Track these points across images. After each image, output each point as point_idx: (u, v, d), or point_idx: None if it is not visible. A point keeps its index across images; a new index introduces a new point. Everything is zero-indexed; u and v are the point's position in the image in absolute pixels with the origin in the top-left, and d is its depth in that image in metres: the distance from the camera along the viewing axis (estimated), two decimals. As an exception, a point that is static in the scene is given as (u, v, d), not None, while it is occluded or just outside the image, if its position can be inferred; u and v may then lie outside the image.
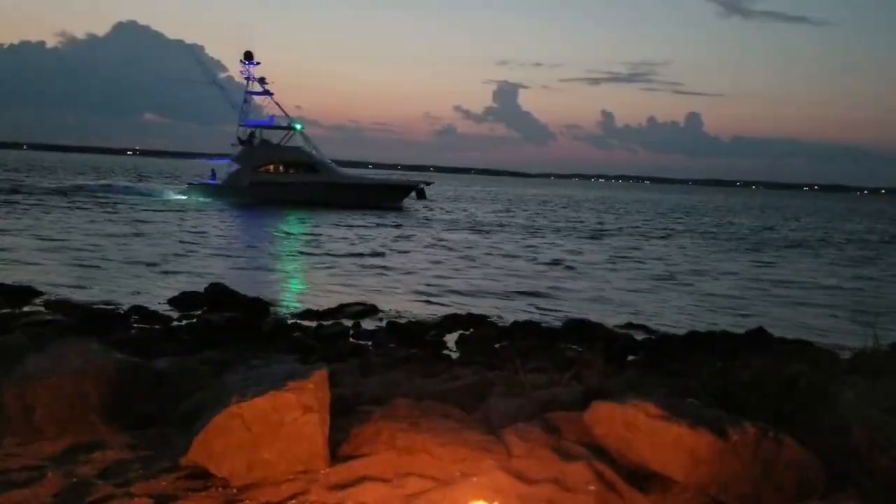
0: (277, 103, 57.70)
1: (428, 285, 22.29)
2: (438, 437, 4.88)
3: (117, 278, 20.56)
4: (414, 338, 14.28)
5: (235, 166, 56.41)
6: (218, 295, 16.42)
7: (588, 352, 7.58)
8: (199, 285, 17.77)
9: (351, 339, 14.25)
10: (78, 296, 17.19)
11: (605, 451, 4.56)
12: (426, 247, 33.32)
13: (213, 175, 59.26)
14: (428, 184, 61.05)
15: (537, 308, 19.28)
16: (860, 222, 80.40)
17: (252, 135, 57.55)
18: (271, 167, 56.00)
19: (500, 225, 50.14)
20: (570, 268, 28.33)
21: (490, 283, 23.28)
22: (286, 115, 57.85)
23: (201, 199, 55.98)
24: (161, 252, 26.57)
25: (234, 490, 4.24)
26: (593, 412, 4.56)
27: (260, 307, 16.19)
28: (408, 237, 37.53)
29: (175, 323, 14.85)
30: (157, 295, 17.72)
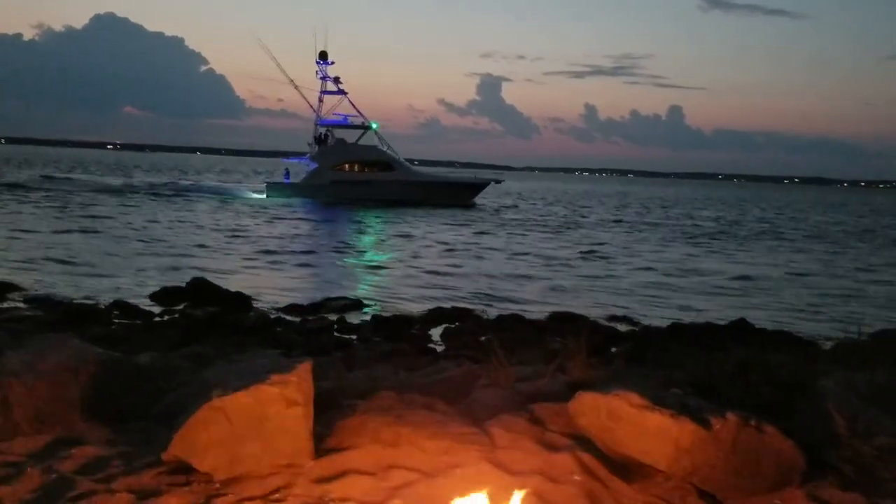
0: (352, 102, 58.31)
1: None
2: (423, 429, 4.88)
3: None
4: (399, 331, 14.27)
5: (313, 165, 56.70)
6: (200, 289, 16.32)
7: (572, 344, 7.57)
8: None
9: (335, 334, 14.22)
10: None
11: (590, 442, 4.57)
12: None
13: (287, 174, 59.53)
14: (499, 181, 62.55)
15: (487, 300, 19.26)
16: (834, 214, 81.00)
17: (327, 134, 58.02)
18: (348, 166, 56.43)
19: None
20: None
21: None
22: (360, 114, 58.41)
23: (281, 198, 55.98)
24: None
25: (217, 484, 4.21)
26: (577, 403, 4.56)
27: (243, 302, 16.11)
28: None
29: (157, 318, 14.75)
30: (140, 290, 17.59)
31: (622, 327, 15.88)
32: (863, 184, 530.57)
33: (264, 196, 57.93)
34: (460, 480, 4.27)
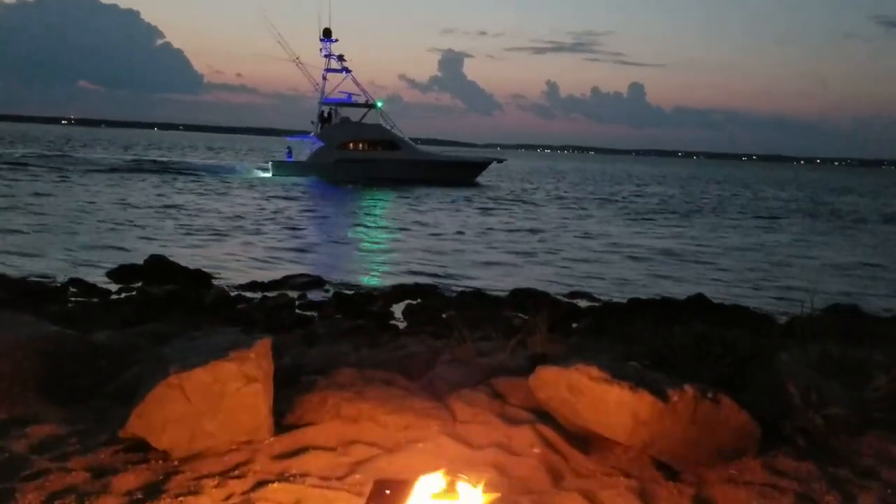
0: (355, 80, 57.76)
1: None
2: (384, 404, 4.88)
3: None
4: (360, 309, 14.23)
5: (318, 144, 56.13)
6: (157, 267, 16.08)
7: (533, 319, 7.63)
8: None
9: (296, 311, 14.13)
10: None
11: (550, 415, 4.61)
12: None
13: (290, 153, 58.93)
14: (500, 161, 63.07)
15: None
16: (775, 191, 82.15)
17: (331, 112, 57.44)
18: (353, 145, 56.03)
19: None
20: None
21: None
22: (365, 92, 57.93)
23: (287, 176, 55.38)
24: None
25: (175, 462, 4.16)
26: (537, 377, 4.59)
27: (202, 279, 15.92)
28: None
29: (114, 296, 14.51)
30: (98, 268, 17.27)
31: (582, 303, 16.04)
32: (819, 161, 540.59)
33: (270, 174, 57.52)
34: (421, 455, 4.28)
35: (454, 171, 58.47)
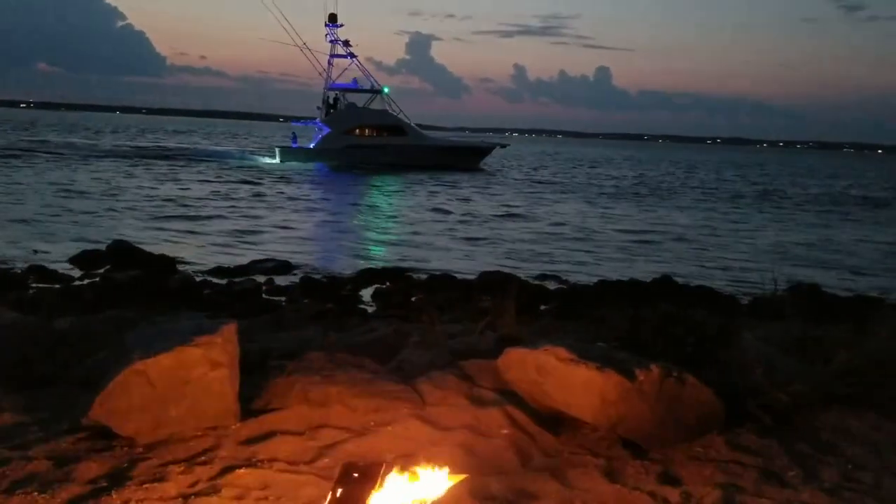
0: (361, 66, 57.31)
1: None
2: (352, 388, 4.85)
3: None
4: (329, 293, 14.14)
5: (324, 130, 55.58)
6: (121, 253, 15.83)
7: (502, 302, 7.65)
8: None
9: (264, 296, 14.00)
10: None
11: (518, 396, 4.63)
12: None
13: (295, 138, 58.26)
14: (504, 146, 64.11)
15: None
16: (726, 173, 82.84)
17: (336, 98, 56.88)
18: (360, 130, 55.63)
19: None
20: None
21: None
22: (371, 78, 57.45)
23: (294, 163, 54.75)
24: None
25: (140, 448, 4.10)
26: (506, 358, 4.60)
27: (166, 265, 15.70)
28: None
29: (76, 282, 14.26)
30: (60, 253, 16.96)
31: (551, 285, 16.10)
32: (781, 144, 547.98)
33: (277, 161, 56.90)
34: (390, 438, 4.28)
35: (460, 156, 58.55)
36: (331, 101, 57.08)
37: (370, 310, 13.06)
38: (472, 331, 7.41)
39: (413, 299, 13.71)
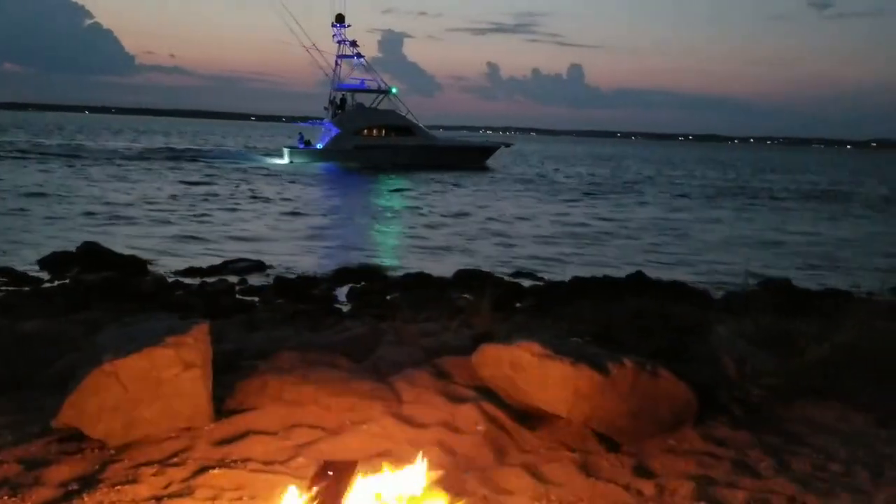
0: (369, 66, 57.38)
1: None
2: (327, 387, 4.83)
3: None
4: (303, 293, 14.06)
5: (333, 130, 55.38)
6: (91, 254, 15.62)
7: (477, 299, 7.67)
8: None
9: (237, 296, 13.89)
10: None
11: (494, 393, 4.64)
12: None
13: (302, 139, 57.85)
14: (508, 145, 65.41)
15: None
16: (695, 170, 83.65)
17: (343, 98, 56.85)
18: (367, 131, 55.53)
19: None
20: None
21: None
22: (379, 78, 57.39)
23: (305, 163, 54.42)
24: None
25: (112, 451, 4.05)
26: (480, 354, 4.61)
27: (138, 266, 15.53)
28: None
29: (46, 284, 14.05)
30: (25, 256, 16.69)
31: (526, 282, 16.15)
32: (752, 140, 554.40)
33: (287, 161, 56.66)
34: (365, 436, 4.27)
35: (467, 155, 58.88)
36: (338, 101, 57.09)
37: (345, 309, 13.00)
38: (447, 328, 7.41)
39: (388, 298, 13.69)
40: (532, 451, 4.22)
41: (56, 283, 14.11)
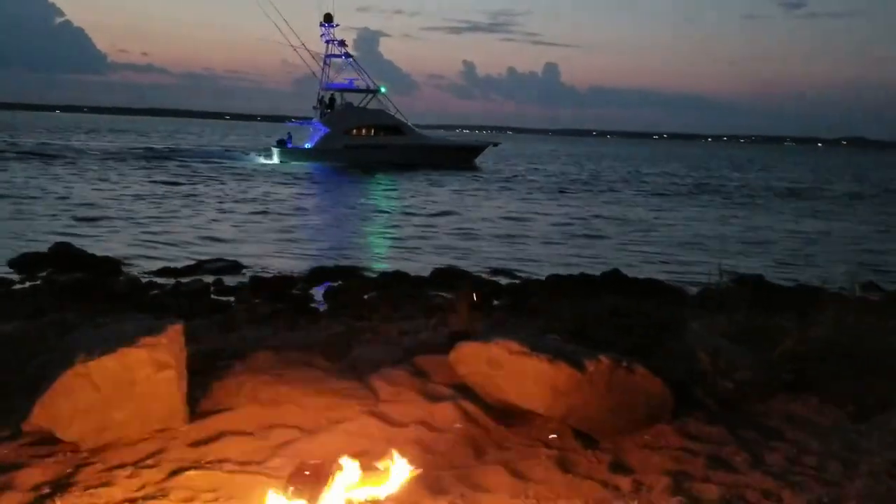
0: (359, 65, 57.14)
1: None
2: (304, 386, 4.81)
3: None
4: (279, 292, 13.97)
5: (322, 129, 55.17)
6: (63, 255, 15.41)
7: (455, 298, 7.69)
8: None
9: (213, 296, 13.77)
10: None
11: (471, 390, 4.64)
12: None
13: (290, 138, 57.53)
14: (496, 144, 65.89)
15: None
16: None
17: (332, 98, 56.64)
18: (357, 130, 55.37)
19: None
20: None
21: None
22: (368, 78, 57.14)
23: (294, 163, 53.99)
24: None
25: (85, 453, 4.00)
26: (458, 352, 4.61)
27: (111, 266, 15.35)
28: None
29: (17, 286, 13.84)
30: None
31: (503, 280, 16.17)
32: (725, 138, 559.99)
33: (276, 161, 56.39)
34: (343, 435, 4.24)
35: (457, 154, 58.93)
36: (327, 100, 56.91)
37: (322, 308, 12.94)
38: (424, 327, 7.41)
39: (366, 297, 13.65)
40: (510, 449, 4.22)
41: (27, 284, 13.90)
